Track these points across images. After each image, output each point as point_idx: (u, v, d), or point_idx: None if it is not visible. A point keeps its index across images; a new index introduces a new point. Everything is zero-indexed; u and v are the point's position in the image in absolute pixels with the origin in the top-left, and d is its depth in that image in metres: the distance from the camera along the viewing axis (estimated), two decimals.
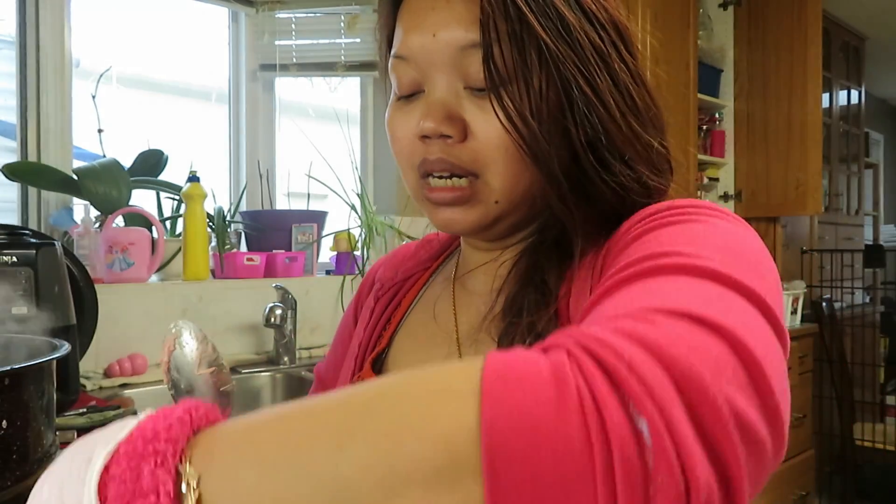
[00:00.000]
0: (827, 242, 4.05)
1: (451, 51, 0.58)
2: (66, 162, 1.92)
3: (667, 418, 0.30)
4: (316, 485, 0.32)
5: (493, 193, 0.59)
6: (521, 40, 0.55)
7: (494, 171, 0.58)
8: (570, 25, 0.56)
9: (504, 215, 0.61)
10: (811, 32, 3.30)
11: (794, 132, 3.37)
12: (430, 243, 0.80)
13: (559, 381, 0.31)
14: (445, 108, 0.58)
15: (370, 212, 2.26)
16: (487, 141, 0.58)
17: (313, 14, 2.38)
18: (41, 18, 1.88)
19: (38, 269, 1.18)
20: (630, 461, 0.30)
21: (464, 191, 0.59)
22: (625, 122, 0.58)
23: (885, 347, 4.24)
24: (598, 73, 0.57)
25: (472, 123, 0.58)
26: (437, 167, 0.59)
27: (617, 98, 0.58)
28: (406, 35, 0.60)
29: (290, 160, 2.44)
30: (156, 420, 0.35)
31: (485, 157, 0.58)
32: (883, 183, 5.67)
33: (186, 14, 2.35)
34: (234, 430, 0.35)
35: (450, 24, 0.57)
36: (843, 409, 3.27)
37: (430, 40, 0.58)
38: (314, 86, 2.45)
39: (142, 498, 0.32)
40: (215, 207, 2.06)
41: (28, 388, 0.66)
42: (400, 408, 0.33)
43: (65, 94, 1.93)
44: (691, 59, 3.08)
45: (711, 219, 0.50)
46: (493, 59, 0.55)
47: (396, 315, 0.74)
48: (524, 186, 0.60)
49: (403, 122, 0.61)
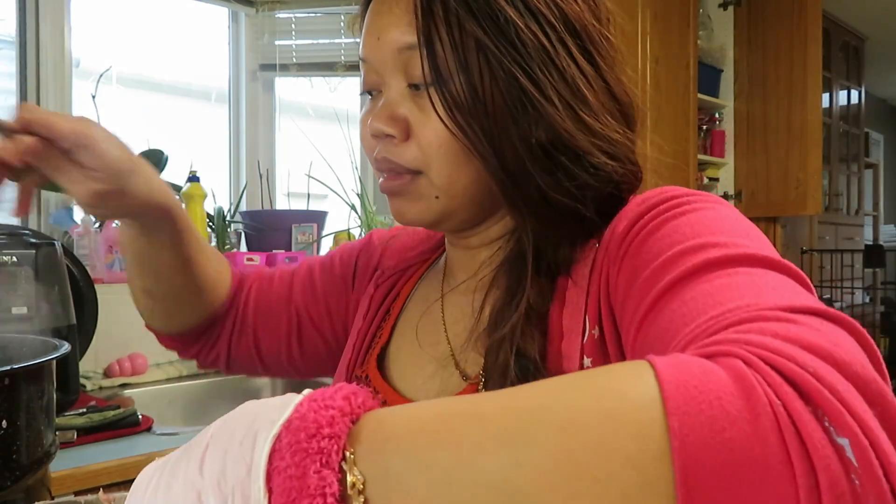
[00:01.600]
0: (827, 242, 4.05)
1: (392, 52, 0.59)
2: None
3: (869, 435, 0.29)
4: (489, 496, 0.31)
5: (433, 189, 0.60)
6: (459, 39, 0.56)
7: (436, 169, 0.59)
8: (510, 23, 0.56)
9: (450, 211, 0.62)
10: (811, 32, 3.30)
11: (794, 132, 3.37)
12: (434, 234, 0.79)
13: (748, 394, 0.30)
14: (389, 109, 0.60)
15: (370, 212, 2.26)
16: (426, 139, 0.59)
17: (313, 14, 2.38)
18: (41, 18, 1.88)
19: (38, 269, 1.18)
20: (837, 484, 0.28)
21: (403, 179, 0.61)
22: (572, 116, 0.57)
23: (885, 347, 4.24)
24: (541, 70, 0.56)
25: (413, 123, 0.59)
26: (382, 166, 0.62)
27: (564, 93, 0.57)
28: (363, 39, 0.63)
29: (290, 160, 2.44)
30: (317, 410, 0.33)
31: (426, 155, 0.59)
32: (883, 183, 5.67)
33: (186, 14, 2.35)
34: (397, 430, 0.34)
35: (389, 27, 0.59)
36: None
37: (376, 44, 0.60)
38: (314, 86, 2.45)
39: (308, 498, 0.31)
40: (215, 207, 2.06)
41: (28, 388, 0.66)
42: (577, 420, 0.31)
43: (65, 94, 1.93)
44: (691, 59, 3.08)
45: (708, 204, 0.53)
46: (434, 57, 0.56)
47: (395, 307, 0.74)
48: (464, 183, 0.60)
49: (364, 120, 0.64)
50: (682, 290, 0.44)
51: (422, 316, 0.70)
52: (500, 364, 0.56)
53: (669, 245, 0.49)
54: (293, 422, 0.33)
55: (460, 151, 0.58)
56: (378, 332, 0.73)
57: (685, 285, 0.44)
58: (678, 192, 0.55)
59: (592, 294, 0.57)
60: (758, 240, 0.48)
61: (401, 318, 0.73)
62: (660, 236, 0.51)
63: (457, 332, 0.66)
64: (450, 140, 0.58)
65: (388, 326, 0.72)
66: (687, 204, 0.53)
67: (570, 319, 0.57)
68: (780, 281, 0.42)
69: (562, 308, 0.58)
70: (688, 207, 0.52)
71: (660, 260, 0.48)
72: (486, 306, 0.62)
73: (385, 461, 0.33)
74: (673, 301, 0.44)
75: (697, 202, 0.53)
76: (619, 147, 0.60)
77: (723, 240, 0.46)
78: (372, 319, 0.74)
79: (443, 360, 0.65)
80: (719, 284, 0.42)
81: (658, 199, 0.55)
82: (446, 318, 0.68)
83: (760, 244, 0.47)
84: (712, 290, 0.42)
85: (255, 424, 0.34)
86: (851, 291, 3.81)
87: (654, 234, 0.52)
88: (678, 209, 0.52)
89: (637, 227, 0.54)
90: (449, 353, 0.66)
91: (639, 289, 0.49)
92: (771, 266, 0.44)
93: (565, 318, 0.58)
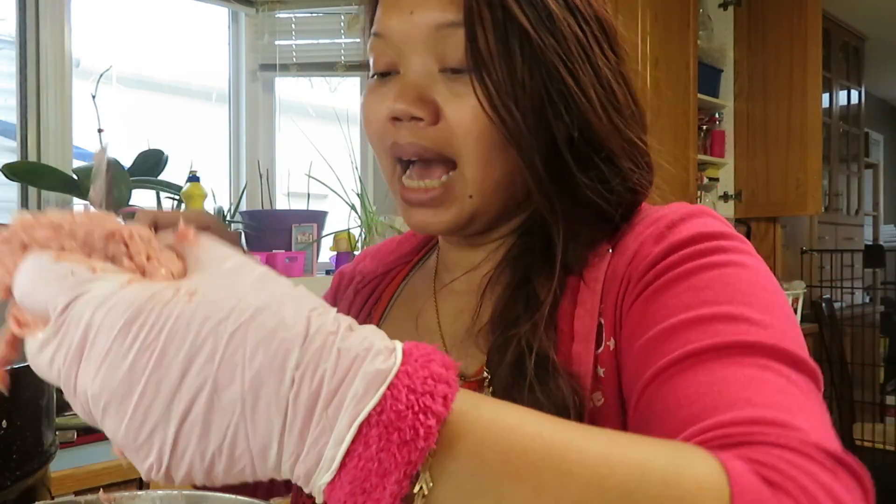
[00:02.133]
0: (827, 242, 4.05)
1: (427, 30, 0.56)
2: (66, 162, 1.93)
3: None
4: None
5: (466, 187, 0.58)
6: (504, 26, 0.54)
7: (467, 158, 0.57)
8: (553, 16, 0.55)
9: (479, 212, 0.59)
10: (811, 32, 3.30)
11: (794, 132, 3.37)
12: (415, 237, 0.77)
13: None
14: (417, 90, 0.57)
15: (370, 212, 2.26)
16: (459, 125, 0.56)
17: (313, 14, 2.38)
18: (41, 18, 1.88)
19: None
20: None
21: (437, 191, 0.58)
22: (606, 115, 0.57)
23: (884, 347, 4.24)
24: (580, 65, 0.56)
25: (445, 106, 0.56)
26: (407, 151, 0.58)
27: (599, 92, 0.57)
28: (384, 13, 0.59)
29: (290, 160, 2.44)
30: (416, 412, 0.30)
31: (457, 141, 0.56)
32: (883, 183, 5.67)
33: (186, 14, 2.35)
34: (481, 449, 0.32)
35: (427, 4, 0.56)
36: (842, 409, 3.27)
37: (406, 19, 0.57)
38: (314, 86, 2.45)
39: (378, 498, 0.30)
40: (215, 207, 2.06)
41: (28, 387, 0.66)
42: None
43: (65, 94, 1.93)
44: (691, 59, 3.08)
45: (741, 257, 0.52)
46: (477, 40, 0.54)
47: (377, 311, 0.71)
48: (498, 176, 0.58)
49: (376, 102, 0.60)
50: (707, 365, 0.45)
51: (412, 317, 0.68)
52: (511, 361, 0.55)
53: (698, 303, 0.48)
54: (387, 413, 0.30)
55: (496, 141, 0.56)
56: None
57: (711, 361, 0.45)
58: (709, 230, 0.53)
59: (608, 303, 0.55)
60: (785, 315, 0.48)
61: (384, 321, 0.70)
62: (686, 287, 0.50)
63: (453, 330, 0.65)
64: (487, 127, 0.55)
65: None
66: (720, 252, 0.51)
67: (583, 322, 0.55)
68: (808, 393, 0.43)
69: (573, 308, 0.57)
70: (720, 259, 0.51)
71: (684, 317, 0.48)
72: (486, 301, 0.61)
73: (459, 477, 0.31)
74: (696, 374, 0.44)
75: (730, 251, 0.52)
76: (642, 153, 0.60)
77: (756, 316, 0.47)
78: None
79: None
80: (748, 377, 0.43)
81: (687, 236, 0.53)
82: (441, 317, 0.67)
83: (788, 322, 0.48)
84: (742, 380, 0.43)
85: (339, 377, 0.30)
86: (851, 291, 3.80)
87: (680, 282, 0.51)
88: (710, 257, 0.51)
89: (663, 265, 0.52)
90: (443, 351, 0.64)
91: (656, 340, 0.49)
92: (798, 366, 0.45)
93: (577, 320, 0.56)
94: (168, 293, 0.30)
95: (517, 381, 0.53)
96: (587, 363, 0.54)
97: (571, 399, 0.51)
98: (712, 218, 0.56)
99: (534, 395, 0.51)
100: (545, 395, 0.51)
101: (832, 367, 3.28)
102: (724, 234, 0.53)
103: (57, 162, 1.89)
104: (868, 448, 3.21)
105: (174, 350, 0.29)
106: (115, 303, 0.30)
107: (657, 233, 0.54)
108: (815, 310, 3.33)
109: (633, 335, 0.52)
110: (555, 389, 0.51)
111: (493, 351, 0.57)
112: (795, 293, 3.31)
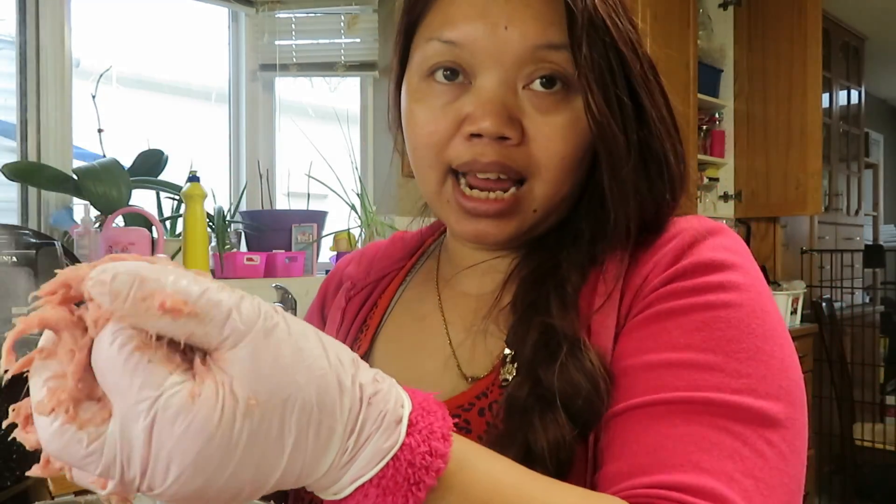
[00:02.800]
0: (827, 242, 4.05)
1: (523, 48, 0.55)
2: (66, 162, 1.92)
3: None
4: None
5: (533, 202, 0.58)
6: (605, 47, 0.55)
7: (545, 177, 0.57)
8: (632, 39, 0.57)
9: (538, 224, 0.60)
10: (811, 32, 3.30)
11: (794, 132, 3.37)
12: (402, 240, 0.76)
13: None
14: (506, 108, 0.55)
15: (370, 212, 2.26)
16: (547, 146, 0.56)
17: (313, 14, 2.38)
18: (41, 18, 1.88)
19: (38, 269, 1.18)
20: None
21: (504, 203, 0.57)
22: (669, 138, 0.59)
23: (884, 347, 4.24)
24: (654, 87, 0.59)
25: (531, 127, 0.56)
26: (489, 169, 0.56)
27: (665, 114, 0.59)
28: (465, 21, 0.56)
29: (290, 160, 2.44)
30: (418, 468, 0.35)
31: (539, 162, 0.56)
32: (883, 183, 5.67)
33: (186, 14, 2.35)
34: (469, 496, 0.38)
35: (527, 20, 0.55)
36: (842, 409, 3.27)
37: (499, 32, 0.55)
38: (314, 86, 2.45)
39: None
40: (215, 207, 2.06)
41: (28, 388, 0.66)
42: None
43: (65, 94, 1.93)
44: (691, 59, 3.08)
45: (748, 295, 0.53)
46: (584, 59, 0.54)
47: (373, 318, 0.70)
48: (565, 193, 0.59)
49: (438, 112, 0.58)
50: (672, 418, 0.48)
51: (416, 321, 0.67)
52: (535, 338, 0.55)
53: (683, 345, 0.50)
54: (386, 480, 0.35)
55: (576, 161, 0.57)
56: (355, 344, 0.69)
57: (677, 415, 0.48)
58: (718, 259, 0.54)
59: (623, 308, 0.55)
60: (767, 361, 0.50)
61: (383, 328, 0.69)
62: (678, 325, 0.51)
63: (460, 333, 0.64)
64: (573, 147, 0.56)
65: (366, 338, 0.69)
66: (720, 290, 0.52)
67: (601, 319, 0.55)
68: (762, 456, 0.46)
69: (591, 298, 0.57)
70: (718, 299, 0.52)
71: (666, 357, 0.50)
72: (507, 291, 0.61)
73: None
74: (660, 425, 0.48)
75: (730, 289, 0.52)
76: (688, 179, 0.62)
77: (736, 367, 0.49)
78: (347, 332, 0.71)
79: (446, 363, 0.63)
80: (706, 439, 0.47)
81: (696, 262, 0.54)
82: (448, 321, 0.65)
83: (770, 369, 0.50)
84: (699, 441, 0.46)
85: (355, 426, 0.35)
86: (851, 291, 3.80)
87: (674, 318, 0.52)
88: (709, 296, 0.52)
89: (665, 290, 0.53)
90: (451, 354, 0.63)
91: (636, 370, 0.51)
92: (764, 423, 0.47)
93: (596, 316, 0.56)
94: (230, 408, 0.31)
95: (543, 357, 0.53)
96: (605, 357, 0.54)
97: (601, 372, 0.52)
98: (727, 238, 0.57)
99: (565, 370, 0.51)
100: (576, 367, 0.51)
101: (832, 367, 3.28)
102: (730, 265, 0.54)
103: (57, 162, 1.89)
104: (868, 448, 3.21)
105: (247, 457, 0.32)
106: (189, 424, 0.31)
107: (671, 255, 0.55)
108: (815, 310, 3.33)
109: (620, 354, 0.53)
110: (585, 364, 0.52)
111: (515, 327, 0.57)
112: (795, 293, 3.31)
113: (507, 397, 0.54)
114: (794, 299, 3.27)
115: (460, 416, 0.57)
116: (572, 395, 0.51)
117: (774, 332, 0.52)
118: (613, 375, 0.52)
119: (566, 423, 0.50)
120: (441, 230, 0.75)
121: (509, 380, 0.56)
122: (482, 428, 0.56)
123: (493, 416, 0.56)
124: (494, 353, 0.59)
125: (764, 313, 0.52)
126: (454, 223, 0.60)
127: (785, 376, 0.50)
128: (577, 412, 0.51)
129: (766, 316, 0.52)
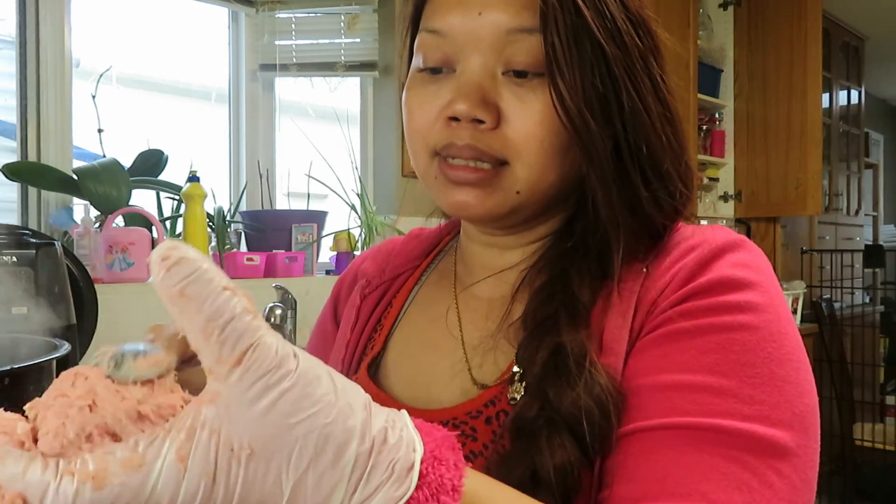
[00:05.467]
0: (827, 242, 4.05)
1: (497, 33, 0.55)
2: (66, 162, 1.92)
3: None
4: None
5: (516, 183, 0.57)
6: (577, 33, 0.54)
7: (525, 161, 0.56)
8: (620, 28, 0.56)
9: (521, 207, 0.59)
10: (811, 32, 3.30)
11: (794, 132, 3.37)
12: (419, 238, 0.76)
13: None
14: (481, 91, 0.56)
15: (370, 212, 2.26)
16: (523, 130, 0.55)
17: (313, 14, 2.38)
18: (41, 18, 1.88)
19: (38, 269, 1.18)
20: None
21: (487, 172, 0.57)
22: (664, 131, 0.58)
23: (884, 347, 4.24)
24: (641, 77, 0.57)
25: (507, 110, 0.56)
26: (464, 153, 0.56)
27: (658, 106, 0.58)
28: (445, 10, 0.57)
29: (290, 160, 2.44)
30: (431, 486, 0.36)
31: (517, 146, 0.56)
32: (883, 183, 5.67)
33: (186, 14, 2.35)
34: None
35: (498, 6, 0.55)
36: (842, 409, 3.27)
37: (473, 19, 0.56)
38: (314, 86, 2.45)
39: None
40: (215, 207, 2.06)
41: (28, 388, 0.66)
42: None
43: (65, 94, 1.93)
44: (691, 59, 3.08)
45: (766, 316, 0.52)
46: (552, 46, 0.53)
47: (388, 316, 0.70)
48: (551, 180, 0.58)
49: (426, 98, 0.59)
50: (681, 446, 0.47)
51: (430, 322, 0.67)
52: (545, 357, 0.54)
53: (698, 366, 0.50)
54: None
55: (557, 147, 0.56)
56: (369, 343, 0.69)
57: (686, 443, 0.47)
58: (737, 277, 0.53)
59: (637, 323, 0.54)
60: (781, 386, 0.50)
61: (397, 328, 0.69)
62: (693, 346, 0.51)
63: (475, 336, 0.63)
64: (551, 132, 0.55)
65: (380, 338, 0.69)
66: (737, 311, 0.51)
67: (614, 335, 0.54)
68: (772, 487, 0.46)
69: (604, 313, 0.56)
70: (734, 320, 0.51)
71: (679, 378, 0.50)
72: (517, 301, 0.60)
73: None
74: (669, 451, 0.48)
75: (747, 310, 0.51)
76: (690, 173, 0.60)
77: (749, 392, 0.49)
78: (361, 331, 0.70)
79: (458, 366, 0.62)
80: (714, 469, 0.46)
81: (714, 279, 0.53)
82: (463, 323, 0.65)
83: (784, 395, 0.49)
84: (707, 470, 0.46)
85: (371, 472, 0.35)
86: (851, 291, 3.81)
87: (689, 338, 0.51)
88: (725, 317, 0.51)
89: (682, 308, 0.52)
90: (464, 357, 0.63)
91: (648, 390, 0.50)
92: (774, 453, 0.47)
93: (608, 332, 0.54)
94: (224, 467, 0.33)
95: (552, 378, 0.53)
96: (615, 378, 0.53)
97: (611, 393, 0.50)
98: (748, 253, 0.56)
99: (574, 392, 0.50)
100: (585, 390, 0.50)
101: (832, 367, 3.28)
102: (749, 284, 0.53)
103: (57, 162, 1.89)
104: (868, 448, 3.21)
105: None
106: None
107: (689, 270, 0.54)
108: (815, 310, 3.33)
109: (632, 372, 0.52)
110: (594, 388, 0.50)
111: (525, 345, 0.56)
112: (795, 293, 3.31)
113: (514, 418, 0.53)
114: (794, 299, 3.27)
115: (468, 422, 0.57)
116: (580, 419, 0.50)
117: (791, 355, 0.51)
118: (624, 394, 0.51)
119: (573, 448, 0.49)
120: (458, 228, 0.74)
121: (517, 399, 0.55)
122: (488, 437, 0.56)
123: (500, 425, 0.56)
124: (504, 365, 0.59)
125: (781, 336, 0.52)
126: (440, 196, 0.60)
127: (799, 402, 0.50)
128: (584, 436, 0.50)
129: (783, 339, 0.51)
